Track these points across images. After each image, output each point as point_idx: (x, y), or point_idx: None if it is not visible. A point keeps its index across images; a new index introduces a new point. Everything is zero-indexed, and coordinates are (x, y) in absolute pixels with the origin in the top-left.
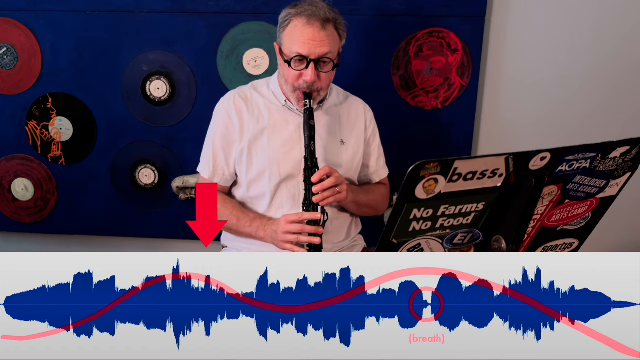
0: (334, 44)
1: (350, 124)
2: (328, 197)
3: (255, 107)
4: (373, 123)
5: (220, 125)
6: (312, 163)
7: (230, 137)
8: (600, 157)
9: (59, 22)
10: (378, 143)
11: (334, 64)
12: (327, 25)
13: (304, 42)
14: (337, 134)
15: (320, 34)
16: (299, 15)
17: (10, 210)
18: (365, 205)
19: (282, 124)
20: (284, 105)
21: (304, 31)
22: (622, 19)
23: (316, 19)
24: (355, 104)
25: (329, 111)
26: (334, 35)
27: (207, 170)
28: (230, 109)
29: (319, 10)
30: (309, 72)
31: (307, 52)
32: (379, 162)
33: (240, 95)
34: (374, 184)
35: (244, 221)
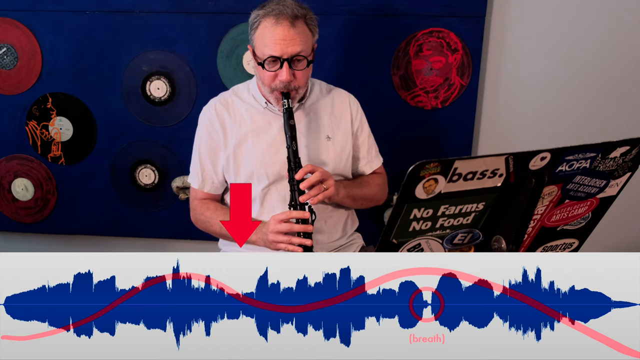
0: (305, 40)
1: (335, 118)
2: (314, 194)
3: (237, 113)
4: (360, 114)
5: (204, 134)
6: (295, 163)
7: (215, 145)
8: (600, 157)
9: (59, 22)
10: (367, 133)
11: (308, 60)
12: (296, 22)
13: (274, 42)
14: (322, 130)
15: (290, 32)
16: (266, 15)
17: (10, 210)
18: (361, 198)
19: (265, 127)
20: (265, 107)
21: (274, 31)
22: (622, 18)
23: (284, 17)
24: (339, 97)
25: (312, 107)
26: (305, 31)
27: (197, 180)
28: (212, 117)
29: (286, 8)
30: (283, 72)
31: (279, 52)
32: (370, 153)
33: (222, 102)
34: (368, 174)
35: None
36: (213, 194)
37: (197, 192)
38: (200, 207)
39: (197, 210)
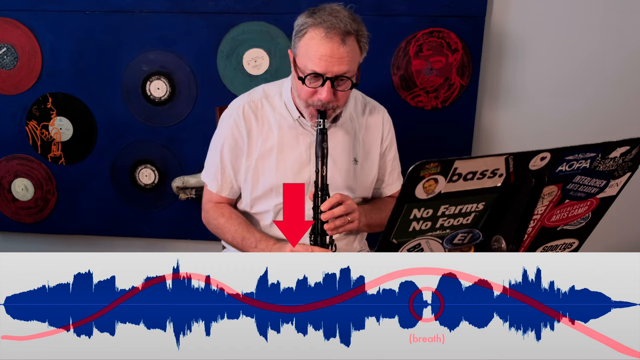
0: (353, 60)
1: (366, 142)
2: (339, 226)
3: (265, 122)
4: (391, 134)
5: (229, 136)
6: (323, 189)
7: (239, 151)
8: (600, 157)
9: (59, 22)
10: (393, 155)
11: (353, 82)
12: (347, 39)
13: (320, 58)
14: (351, 152)
15: (339, 50)
16: (316, 25)
17: (10, 210)
18: (377, 225)
19: (292, 143)
20: (296, 120)
21: (321, 46)
22: (622, 18)
23: (336, 33)
24: (374, 116)
25: (345, 126)
26: (355, 49)
27: (215, 183)
28: (239, 120)
29: (339, 21)
30: (324, 91)
31: (323, 69)
32: (392, 175)
33: (251, 105)
34: (386, 197)
35: (249, 241)
36: (230, 198)
37: (212, 194)
38: (214, 211)
39: (210, 214)
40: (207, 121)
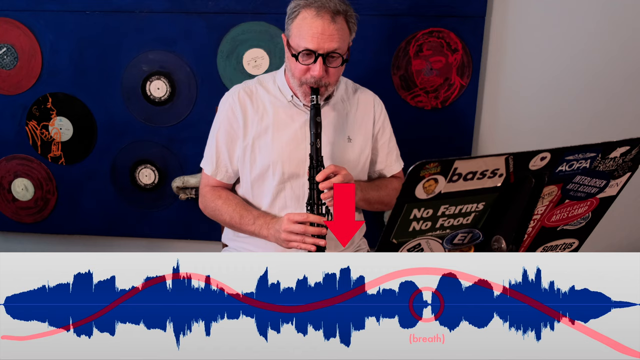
0: (343, 38)
1: (357, 119)
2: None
3: (260, 104)
4: (383, 116)
5: (224, 121)
6: (318, 161)
7: (234, 134)
8: (600, 157)
9: (59, 22)
10: (388, 137)
11: (343, 59)
12: (337, 18)
13: (312, 35)
14: (344, 130)
15: (329, 28)
16: (308, 6)
17: (10, 210)
18: (376, 201)
19: (287, 121)
20: (290, 101)
21: (313, 24)
22: (622, 18)
23: (326, 11)
24: (364, 98)
25: (336, 106)
26: (344, 28)
27: (210, 167)
28: (234, 104)
29: (329, 1)
30: (316, 67)
31: (315, 46)
32: (390, 157)
33: (245, 90)
34: (387, 178)
35: (247, 219)
36: (225, 182)
37: (209, 178)
38: (212, 194)
39: (207, 197)
40: (207, 121)
